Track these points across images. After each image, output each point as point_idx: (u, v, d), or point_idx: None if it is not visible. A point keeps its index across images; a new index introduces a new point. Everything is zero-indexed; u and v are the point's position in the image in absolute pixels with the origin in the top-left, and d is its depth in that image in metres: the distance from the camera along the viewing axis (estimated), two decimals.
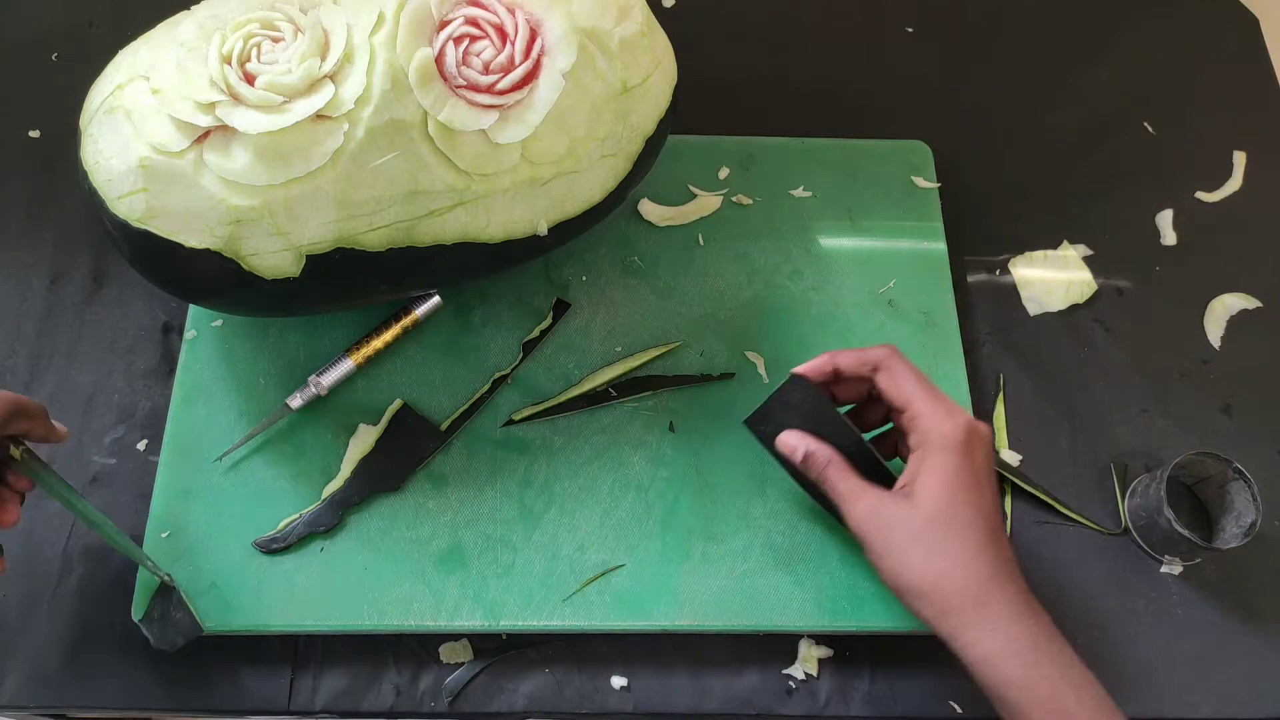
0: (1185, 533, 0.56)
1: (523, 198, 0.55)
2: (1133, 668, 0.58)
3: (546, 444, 0.60)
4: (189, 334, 0.62)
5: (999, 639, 0.46)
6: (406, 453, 0.59)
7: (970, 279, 0.70)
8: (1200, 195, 0.74)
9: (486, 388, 0.61)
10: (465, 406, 0.61)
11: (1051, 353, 0.67)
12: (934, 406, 0.50)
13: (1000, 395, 0.65)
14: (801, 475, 0.55)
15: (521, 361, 0.62)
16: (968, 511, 0.48)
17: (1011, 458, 0.63)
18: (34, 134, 0.72)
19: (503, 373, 0.62)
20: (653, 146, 0.60)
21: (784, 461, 0.55)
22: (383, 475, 0.58)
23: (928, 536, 0.48)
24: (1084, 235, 0.72)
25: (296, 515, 0.57)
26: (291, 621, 0.55)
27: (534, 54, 0.53)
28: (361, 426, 0.60)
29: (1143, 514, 0.60)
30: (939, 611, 0.48)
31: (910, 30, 0.81)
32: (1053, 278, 0.70)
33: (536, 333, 0.63)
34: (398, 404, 0.60)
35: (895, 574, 0.49)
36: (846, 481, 0.51)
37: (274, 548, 0.56)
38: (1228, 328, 0.69)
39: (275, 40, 0.51)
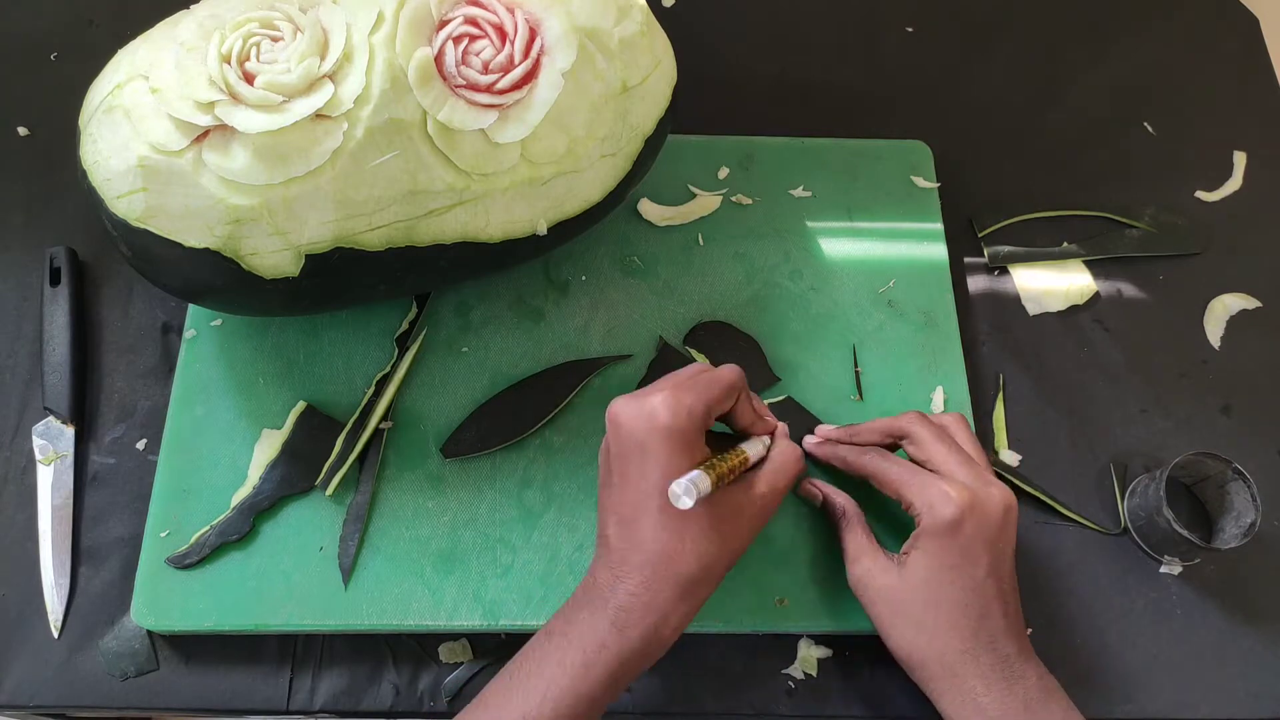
0: (1185, 533, 0.56)
1: (522, 197, 0.55)
2: (1133, 668, 0.58)
3: (546, 444, 0.60)
4: (188, 333, 0.62)
5: (968, 709, 0.49)
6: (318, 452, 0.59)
7: (970, 279, 0.70)
8: (1200, 195, 0.74)
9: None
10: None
11: (1051, 353, 0.67)
12: (936, 483, 0.51)
13: (1000, 395, 0.65)
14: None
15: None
16: (949, 589, 0.50)
17: (1011, 458, 0.63)
18: (27, 132, 0.72)
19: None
20: (652, 146, 0.59)
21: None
22: (293, 478, 0.58)
23: (909, 610, 0.51)
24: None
25: (207, 527, 0.57)
26: (290, 621, 0.55)
27: (533, 53, 0.53)
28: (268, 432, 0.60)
29: (1142, 514, 0.60)
30: (918, 678, 0.51)
31: (910, 30, 0.81)
32: (1052, 278, 0.70)
33: (405, 325, 0.63)
34: (301, 405, 0.60)
35: (883, 637, 0.52)
36: (853, 539, 0.54)
37: (187, 563, 0.56)
38: (1228, 328, 0.69)
39: (274, 39, 0.51)
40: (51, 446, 0.61)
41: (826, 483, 0.58)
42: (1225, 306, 0.69)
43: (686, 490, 0.46)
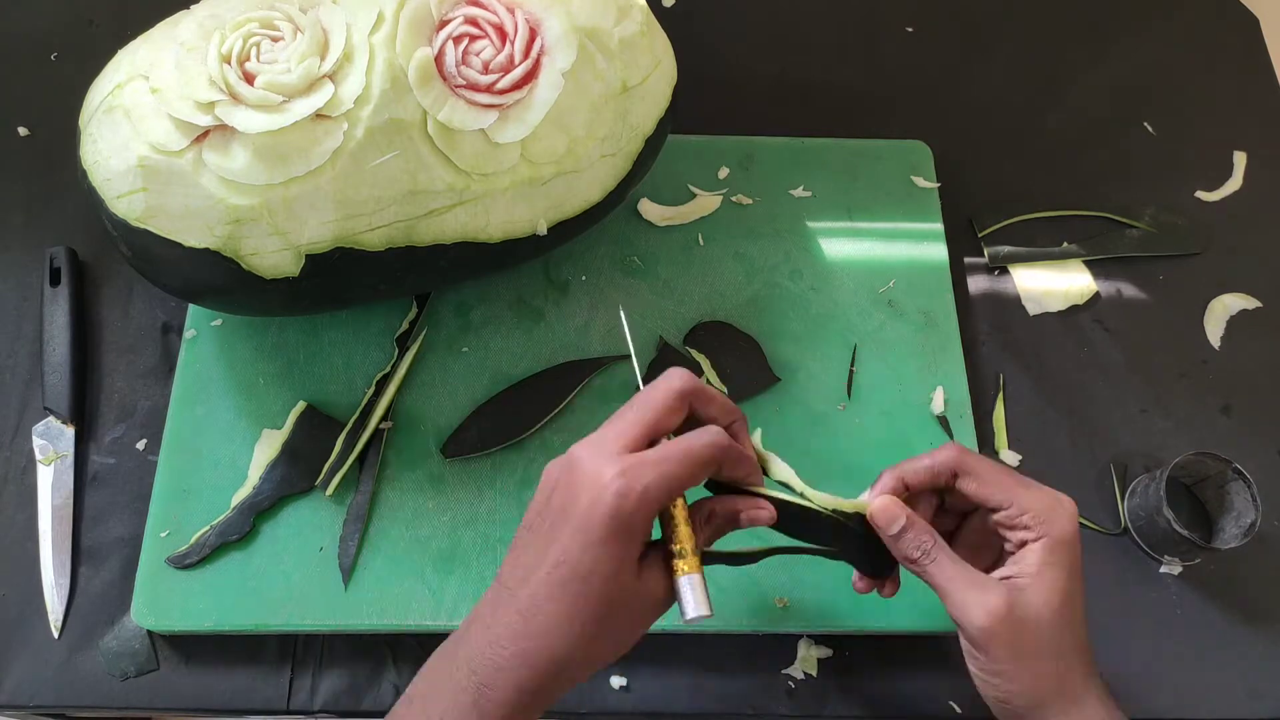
0: (1185, 533, 0.56)
1: (522, 197, 0.55)
2: (1133, 668, 0.58)
3: (545, 444, 0.60)
4: (188, 333, 0.62)
5: None
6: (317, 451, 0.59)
7: (970, 279, 0.70)
8: (1200, 195, 0.74)
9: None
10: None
11: (1051, 353, 0.67)
12: (1042, 497, 0.46)
13: (1000, 395, 0.65)
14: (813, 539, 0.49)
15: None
16: (1078, 608, 0.46)
17: (1011, 458, 0.63)
18: (27, 132, 0.72)
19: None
20: (652, 146, 0.59)
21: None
22: (293, 478, 0.58)
23: (1041, 639, 0.45)
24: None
25: (207, 527, 0.57)
26: (290, 621, 0.55)
27: (533, 53, 0.53)
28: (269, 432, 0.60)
29: (1142, 514, 0.60)
30: (1033, 704, 0.45)
31: (910, 30, 0.81)
32: (1052, 278, 0.70)
33: (405, 325, 0.63)
34: (301, 405, 0.60)
35: (1010, 678, 0.45)
36: (956, 570, 0.46)
37: (187, 563, 0.56)
38: (1228, 328, 0.69)
39: (274, 40, 0.51)
40: (51, 446, 0.61)
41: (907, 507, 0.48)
42: (1225, 306, 0.69)
43: (697, 609, 0.42)
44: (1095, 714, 0.45)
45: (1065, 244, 0.71)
